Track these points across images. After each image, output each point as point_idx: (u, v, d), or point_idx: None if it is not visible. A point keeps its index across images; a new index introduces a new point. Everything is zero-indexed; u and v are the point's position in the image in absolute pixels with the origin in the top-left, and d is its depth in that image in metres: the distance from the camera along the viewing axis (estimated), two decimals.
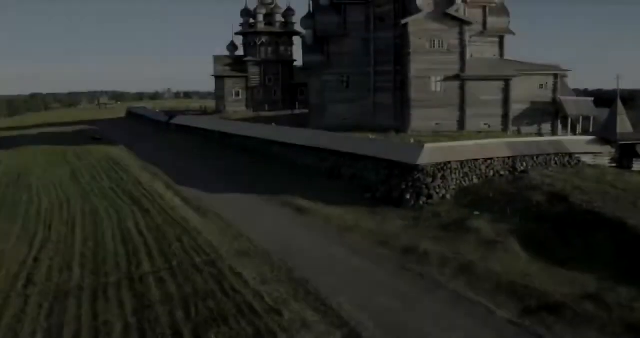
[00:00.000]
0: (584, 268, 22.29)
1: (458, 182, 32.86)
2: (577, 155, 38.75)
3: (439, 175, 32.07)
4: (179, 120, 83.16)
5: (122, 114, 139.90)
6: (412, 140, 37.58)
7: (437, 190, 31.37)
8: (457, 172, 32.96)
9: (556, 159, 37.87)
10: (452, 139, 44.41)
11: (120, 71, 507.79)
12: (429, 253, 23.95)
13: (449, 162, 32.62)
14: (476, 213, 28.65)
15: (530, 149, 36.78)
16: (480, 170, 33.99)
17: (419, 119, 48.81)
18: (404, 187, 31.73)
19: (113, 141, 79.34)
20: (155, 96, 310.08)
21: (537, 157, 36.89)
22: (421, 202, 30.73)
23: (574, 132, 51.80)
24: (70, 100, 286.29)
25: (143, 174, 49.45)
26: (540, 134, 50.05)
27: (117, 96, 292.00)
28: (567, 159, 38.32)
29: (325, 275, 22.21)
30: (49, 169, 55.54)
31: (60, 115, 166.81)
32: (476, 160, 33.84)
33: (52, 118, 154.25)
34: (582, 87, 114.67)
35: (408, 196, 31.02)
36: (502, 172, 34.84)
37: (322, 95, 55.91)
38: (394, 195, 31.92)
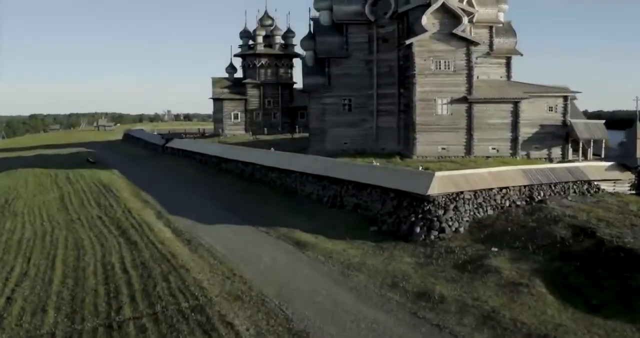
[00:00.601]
0: (621, 316, 19.56)
1: (472, 213, 30.23)
2: (596, 183, 36.48)
3: (451, 206, 29.44)
4: (175, 143, 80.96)
5: (121, 136, 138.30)
6: (420, 167, 35.02)
7: (450, 223, 28.69)
8: (471, 202, 30.34)
9: (575, 186, 35.62)
10: (459, 164, 42.86)
11: (121, 93, 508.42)
12: (445, 298, 21.16)
13: (462, 192, 30.02)
14: (494, 249, 25.96)
15: (548, 176, 34.35)
16: (495, 200, 31.41)
17: (424, 144, 47.01)
18: (413, 219, 29.05)
19: (107, 164, 77.93)
20: (155, 118, 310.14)
21: (554, 185, 34.52)
22: (432, 237, 28.02)
23: (585, 156, 49.87)
24: (71, 121, 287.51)
25: (134, 201, 47.40)
26: (550, 159, 48.44)
27: (117, 118, 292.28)
28: (585, 186, 36.03)
29: (329, 325, 19.47)
30: (38, 193, 54.00)
31: (58, 137, 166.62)
32: (490, 189, 31.28)
33: (50, 139, 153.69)
34: (581, 108, 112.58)
35: (418, 230, 28.32)
36: (518, 202, 32.27)
37: (323, 118, 53.99)
38: (403, 228, 29.23)
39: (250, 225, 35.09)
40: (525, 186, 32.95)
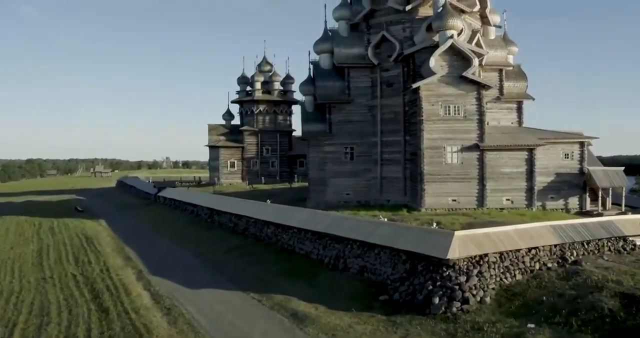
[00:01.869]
0: None
1: (498, 279, 25.92)
2: (631, 239, 32.45)
3: (475, 271, 25.12)
4: (167, 193, 77.31)
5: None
6: (434, 224, 30.89)
7: (474, 292, 24.30)
8: (497, 266, 26.08)
9: (609, 243, 31.74)
10: (472, 217, 39.50)
11: (121, 139, 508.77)
12: None
13: (486, 255, 25.80)
14: (531, 326, 21.55)
15: (580, 233, 30.40)
16: (523, 262, 27.19)
17: (433, 195, 43.78)
18: (430, 287, 24.65)
19: (96, 214, 75.37)
20: (153, 165, 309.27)
21: (587, 243, 30.60)
22: (454, 309, 23.56)
23: (604, 206, 46.87)
24: (69, 166, 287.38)
25: (115, 257, 43.58)
26: (567, 210, 45.75)
27: (115, 164, 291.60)
28: (621, 243, 32.14)
29: None
30: (17, 245, 51.54)
31: (53, 183, 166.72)
32: (518, 250, 27.11)
33: (45, 185, 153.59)
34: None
35: (437, 300, 23.90)
36: (549, 264, 28.06)
37: (323, 167, 50.78)
38: (418, 298, 24.79)
39: (240, 291, 30.60)
40: (556, 245, 28.92)
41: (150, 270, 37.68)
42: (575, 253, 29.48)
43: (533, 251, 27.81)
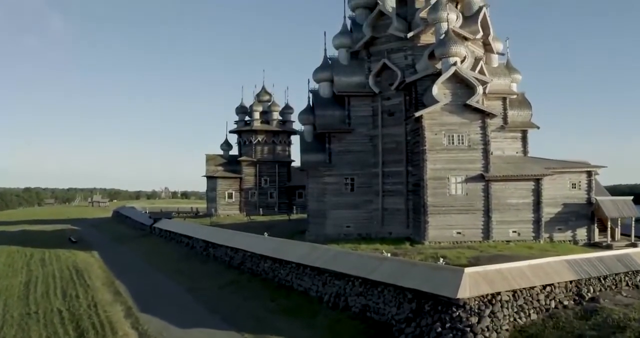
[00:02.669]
0: None
1: (512, 319, 24.05)
2: None
3: (487, 311, 23.27)
4: (162, 224, 75.59)
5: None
6: (441, 260, 29.10)
7: (487, 334, 22.41)
8: (510, 305, 24.24)
9: (627, 278, 30.41)
10: (478, 251, 38.15)
11: (120, 169, 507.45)
12: None
13: (499, 293, 23.99)
14: None
15: (596, 267, 28.85)
16: (538, 301, 25.41)
17: (437, 228, 42.25)
18: (439, 329, 22.74)
19: (89, 245, 74.33)
20: (152, 195, 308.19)
21: (604, 279, 29.00)
22: None
23: (612, 237, 45.61)
24: (68, 196, 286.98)
25: (104, 292, 41.94)
26: (575, 241, 44.34)
27: (114, 194, 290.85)
28: (639, 278, 30.28)
29: None
30: (5, 276, 50.46)
31: (50, 212, 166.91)
32: (532, 287, 25.34)
33: (41, 214, 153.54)
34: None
35: None
36: (565, 302, 26.35)
37: (323, 199, 49.23)
38: None
39: (234, 331, 28.64)
40: (572, 281, 27.24)
41: (139, 307, 35.94)
42: (592, 290, 27.91)
43: (548, 288, 26.07)
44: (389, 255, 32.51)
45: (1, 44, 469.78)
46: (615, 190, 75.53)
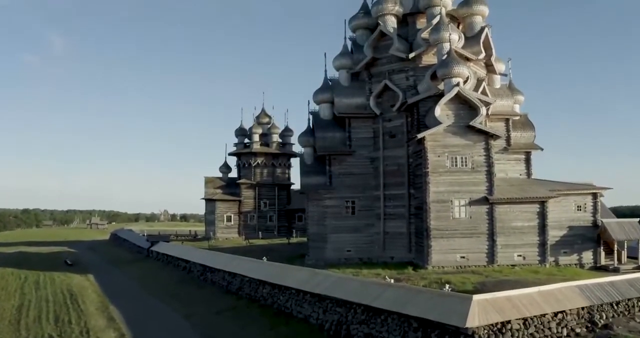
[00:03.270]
0: None
1: None
2: None
3: None
4: (159, 247, 74.46)
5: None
6: (447, 287, 27.98)
7: None
8: (521, 334, 23.06)
9: (639, 303, 28.87)
10: (483, 275, 37.19)
11: (119, 191, 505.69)
12: None
13: (509, 322, 22.85)
14: None
15: (609, 293, 27.98)
16: (549, 329, 24.31)
17: (440, 252, 41.38)
18: None
19: (85, 268, 72.75)
20: (151, 218, 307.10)
21: (617, 304, 28.00)
22: None
23: (619, 260, 44.71)
24: (67, 217, 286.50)
25: (98, 318, 40.48)
26: (581, 265, 43.59)
27: (113, 216, 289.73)
28: None
29: None
30: None
31: (47, 234, 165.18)
32: (543, 315, 24.24)
33: (39, 236, 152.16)
34: None
35: None
36: (578, 330, 25.36)
37: (323, 222, 48.54)
38: None
39: None
40: (583, 308, 26.18)
41: (133, 334, 34.78)
42: (604, 316, 26.97)
43: (560, 315, 25.00)
44: (391, 280, 31.50)
45: (1, 62, 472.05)
46: (616, 212, 74.55)
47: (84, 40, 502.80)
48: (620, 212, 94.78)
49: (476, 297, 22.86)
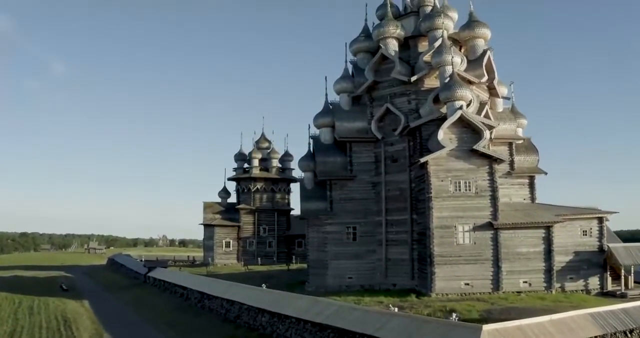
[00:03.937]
0: None
1: None
2: None
3: None
4: (157, 273, 73.04)
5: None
6: (453, 316, 26.94)
7: None
8: None
9: None
10: (488, 303, 36.34)
11: (118, 215, 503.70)
12: None
13: None
14: None
15: (622, 321, 26.90)
16: None
17: (444, 279, 40.54)
18: None
19: (81, 293, 70.85)
20: (149, 243, 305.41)
21: (630, 332, 26.90)
22: None
23: (627, 285, 43.89)
24: (65, 242, 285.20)
25: None
26: (587, 291, 42.81)
27: (111, 241, 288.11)
28: None
29: None
30: None
31: (45, 258, 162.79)
32: None
33: (36, 260, 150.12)
34: None
35: None
36: None
37: (324, 249, 47.69)
38: None
39: None
40: (596, 337, 25.06)
41: None
42: None
43: None
44: (395, 309, 30.42)
45: (1, 88, 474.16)
46: (618, 237, 73.86)
47: (84, 66, 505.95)
48: (622, 236, 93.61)
49: (486, 327, 21.83)
